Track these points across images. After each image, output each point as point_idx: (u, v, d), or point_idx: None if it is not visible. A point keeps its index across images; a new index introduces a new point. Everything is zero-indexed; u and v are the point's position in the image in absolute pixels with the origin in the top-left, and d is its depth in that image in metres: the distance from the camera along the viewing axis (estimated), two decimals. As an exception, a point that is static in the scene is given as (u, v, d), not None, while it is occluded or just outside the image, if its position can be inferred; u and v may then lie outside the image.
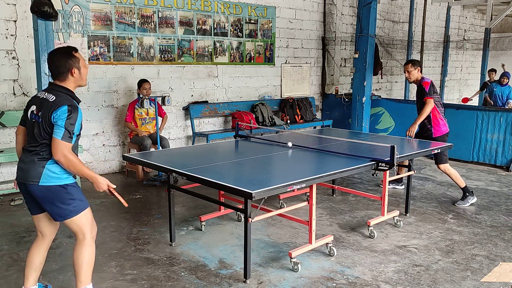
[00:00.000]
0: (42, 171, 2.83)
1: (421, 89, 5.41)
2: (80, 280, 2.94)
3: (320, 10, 9.49)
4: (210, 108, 7.62)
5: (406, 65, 5.58)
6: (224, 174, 3.73)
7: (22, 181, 2.89)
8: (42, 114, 2.83)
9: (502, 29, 14.26)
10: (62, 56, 2.92)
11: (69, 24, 6.02)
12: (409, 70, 5.48)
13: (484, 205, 5.41)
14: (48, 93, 2.90)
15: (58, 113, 2.77)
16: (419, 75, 5.53)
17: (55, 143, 2.77)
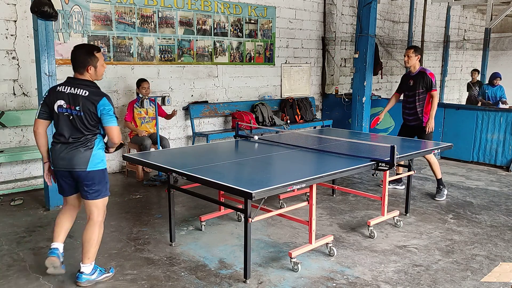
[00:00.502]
0: (89, 158, 3.27)
1: (424, 79, 5.50)
2: (88, 256, 3.33)
3: (320, 10, 9.49)
4: (210, 108, 7.62)
5: (408, 49, 5.64)
6: (224, 174, 3.73)
7: (67, 169, 3.29)
8: (81, 108, 3.19)
9: (502, 29, 14.25)
10: (82, 53, 3.28)
11: (69, 24, 6.02)
12: (410, 55, 5.57)
13: (484, 205, 5.41)
14: (74, 88, 3.24)
15: (102, 106, 3.21)
16: (417, 64, 5.63)
17: (112, 130, 3.28)
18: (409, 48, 5.69)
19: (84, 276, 3.34)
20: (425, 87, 5.52)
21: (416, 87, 5.56)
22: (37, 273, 3.56)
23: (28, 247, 4.06)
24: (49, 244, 4.10)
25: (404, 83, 5.78)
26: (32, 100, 5.83)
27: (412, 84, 5.62)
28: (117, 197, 5.38)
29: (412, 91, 5.61)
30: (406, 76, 5.81)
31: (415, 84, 5.58)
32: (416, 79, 5.58)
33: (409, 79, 5.69)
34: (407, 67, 5.70)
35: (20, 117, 5.68)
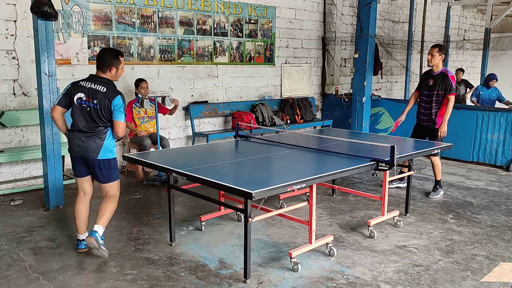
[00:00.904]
0: (101, 148, 3.75)
1: (444, 81, 5.44)
2: (103, 220, 3.79)
3: (320, 10, 9.49)
4: (210, 108, 7.62)
5: (433, 48, 5.57)
6: (224, 174, 3.73)
7: (81, 155, 3.79)
8: (98, 102, 3.67)
9: (502, 29, 14.25)
10: (110, 54, 3.83)
11: (69, 24, 6.02)
12: (434, 54, 5.50)
13: (484, 205, 5.41)
14: (94, 84, 3.74)
15: (116, 102, 3.69)
16: (441, 64, 5.55)
17: (119, 124, 3.73)
18: (433, 46, 5.58)
19: (96, 234, 3.72)
20: (444, 89, 5.44)
21: (435, 87, 5.49)
22: (37, 273, 3.56)
23: (28, 247, 4.06)
24: (49, 244, 4.12)
25: (424, 81, 5.70)
26: (32, 100, 5.83)
27: (431, 84, 5.54)
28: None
29: (430, 91, 5.54)
30: (426, 74, 5.72)
31: (435, 85, 5.50)
32: (437, 79, 5.50)
33: (429, 78, 5.61)
34: (430, 66, 5.60)
35: (20, 117, 5.68)
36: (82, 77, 6.19)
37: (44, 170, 5.13)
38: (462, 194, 5.83)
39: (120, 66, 3.83)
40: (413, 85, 11.79)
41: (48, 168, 5.02)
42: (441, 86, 5.46)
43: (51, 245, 4.11)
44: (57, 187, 5.10)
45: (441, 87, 5.46)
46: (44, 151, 5.03)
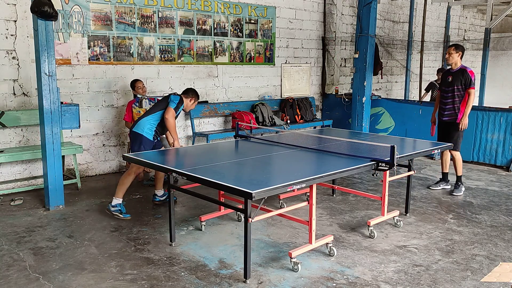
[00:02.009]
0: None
1: (464, 77, 5.59)
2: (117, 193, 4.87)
3: (320, 10, 9.49)
4: (210, 108, 7.62)
5: (450, 47, 5.75)
6: (224, 174, 3.73)
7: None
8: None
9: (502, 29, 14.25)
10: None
11: (69, 24, 6.02)
12: (451, 53, 5.66)
13: (484, 205, 5.41)
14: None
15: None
16: (459, 61, 5.70)
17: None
18: (450, 46, 5.79)
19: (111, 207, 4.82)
20: (463, 83, 5.60)
21: (455, 83, 5.64)
22: (37, 273, 3.56)
23: (28, 247, 4.06)
24: (49, 244, 4.12)
25: (444, 79, 5.84)
26: (32, 100, 5.83)
27: (450, 80, 5.69)
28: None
29: (450, 86, 5.69)
30: (446, 73, 5.88)
31: (454, 80, 5.65)
32: (456, 75, 5.65)
33: (449, 75, 5.76)
34: (449, 64, 5.76)
35: (20, 117, 5.68)
36: (82, 77, 6.25)
37: (44, 170, 5.13)
38: (462, 194, 5.83)
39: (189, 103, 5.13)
40: (413, 85, 11.81)
41: (48, 168, 5.02)
42: (460, 81, 5.61)
43: (51, 245, 4.11)
44: (57, 187, 5.10)
45: (460, 82, 5.61)
46: (44, 151, 5.03)
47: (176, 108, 4.88)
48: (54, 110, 4.96)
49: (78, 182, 5.87)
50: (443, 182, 6.06)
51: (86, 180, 6.25)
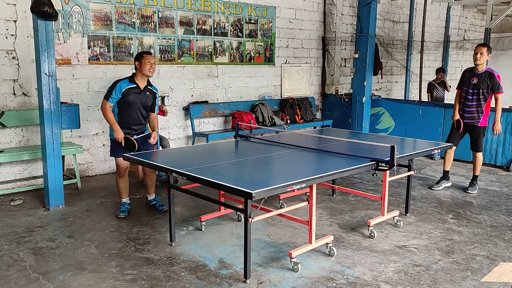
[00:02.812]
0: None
1: (491, 80, 5.51)
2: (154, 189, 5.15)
3: (320, 10, 9.49)
4: (210, 108, 7.62)
5: (482, 46, 5.55)
6: (224, 174, 3.73)
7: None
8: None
9: (502, 29, 14.24)
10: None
11: (69, 24, 6.02)
12: (483, 53, 5.50)
13: (484, 205, 5.41)
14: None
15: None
16: (485, 63, 5.62)
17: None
18: (482, 45, 5.60)
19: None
20: (491, 88, 5.53)
21: (481, 86, 5.55)
22: (37, 273, 3.57)
23: (28, 247, 4.06)
24: (49, 244, 4.12)
25: (467, 80, 5.71)
26: (32, 100, 5.83)
27: (476, 83, 5.59)
28: (117, 197, 5.38)
29: (475, 89, 5.60)
30: (469, 73, 5.73)
31: (480, 83, 5.56)
32: (482, 78, 5.56)
33: (473, 76, 5.65)
34: (477, 64, 5.58)
35: (20, 117, 5.68)
36: (82, 77, 6.25)
37: (44, 170, 5.13)
38: (462, 194, 5.83)
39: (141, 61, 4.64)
40: (414, 85, 11.81)
41: (48, 168, 5.03)
42: (487, 85, 5.54)
43: (51, 245, 4.11)
44: (57, 187, 5.10)
45: (487, 86, 5.54)
46: (44, 151, 5.03)
47: (107, 95, 4.67)
48: (54, 110, 4.96)
49: (78, 182, 5.87)
50: (444, 180, 6.07)
51: (86, 180, 6.25)
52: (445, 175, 6.10)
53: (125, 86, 4.66)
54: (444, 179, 6.09)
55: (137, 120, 4.82)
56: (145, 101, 4.79)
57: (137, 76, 4.72)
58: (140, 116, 4.83)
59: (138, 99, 4.72)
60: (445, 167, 6.08)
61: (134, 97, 4.69)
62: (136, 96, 4.70)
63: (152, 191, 5.14)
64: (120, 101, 4.66)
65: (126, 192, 5.00)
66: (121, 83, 4.68)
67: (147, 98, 4.79)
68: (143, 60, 4.61)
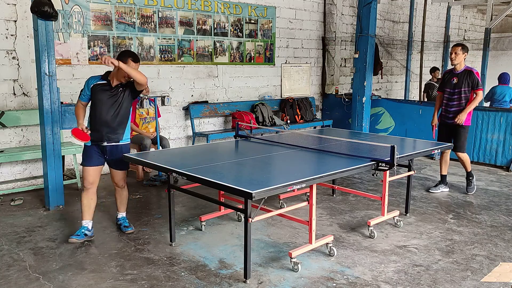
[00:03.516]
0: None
1: (471, 79, 5.52)
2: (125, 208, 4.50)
3: (320, 10, 9.49)
4: (210, 108, 7.62)
5: (456, 46, 5.61)
6: (224, 174, 3.73)
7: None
8: None
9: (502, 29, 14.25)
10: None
11: (69, 24, 6.02)
12: (458, 52, 5.54)
13: (484, 205, 5.41)
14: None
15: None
16: (463, 62, 5.61)
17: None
18: (456, 45, 5.64)
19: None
20: (471, 86, 5.54)
21: (462, 85, 5.56)
22: (37, 273, 3.56)
23: (28, 247, 4.06)
24: (49, 244, 4.12)
25: (447, 81, 5.73)
26: (32, 100, 5.83)
27: (456, 82, 5.60)
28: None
29: (456, 88, 5.61)
30: (449, 74, 5.76)
31: (460, 82, 5.57)
32: (462, 77, 5.57)
33: (452, 77, 5.66)
34: (454, 64, 5.62)
35: (20, 117, 5.68)
36: (82, 77, 6.25)
37: (44, 170, 5.13)
38: (462, 194, 5.83)
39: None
40: (414, 85, 11.81)
41: (48, 168, 5.03)
42: (467, 83, 5.54)
43: (51, 245, 4.11)
44: (57, 187, 5.10)
45: (467, 84, 5.54)
46: (44, 151, 5.03)
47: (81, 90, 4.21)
48: (54, 110, 4.96)
49: (78, 182, 5.87)
50: (442, 185, 5.96)
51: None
52: (443, 180, 5.98)
53: (94, 82, 4.11)
54: (442, 183, 5.96)
55: (107, 123, 4.10)
56: (117, 101, 4.10)
57: (112, 74, 4.12)
58: (111, 118, 4.10)
59: (107, 96, 4.07)
60: (442, 171, 5.97)
61: (102, 94, 4.07)
62: (105, 93, 4.07)
63: (121, 209, 4.49)
64: (90, 98, 4.16)
65: (88, 212, 4.20)
66: (91, 78, 4.18)
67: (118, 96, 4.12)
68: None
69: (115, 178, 4.35)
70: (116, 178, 4.35)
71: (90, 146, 4.16)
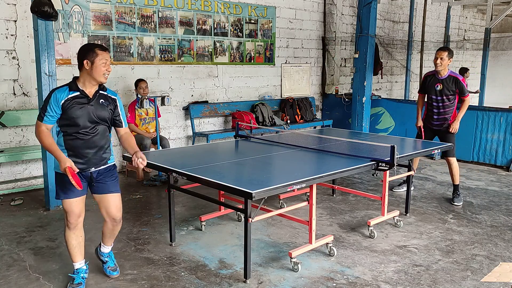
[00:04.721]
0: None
1: (457, 85, 5.33)
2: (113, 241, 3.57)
3: (320, 10, 9.49)
4: (210, 108, 7.62)
5: (442, 51, 5.32)
6: (224, 174, 3.73)
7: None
8: None
9: (502, 29, 14.26)
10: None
11: (69, 24, 6.02)
12: (443, 58, 5.27)
13: (484, 205, 5.41)
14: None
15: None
16: (447, 67, 5.39)
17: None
18: (442, 49, 5.34)
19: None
20: (458, 93, 5.36)
21: (447, 92, 5.36)
22: (37, 273, 3.57)
23: (28, 247, 4.06)
24: (49, 244, 4.12)
25: (431, 86, 5.50)
26: (32, 100, 5.83)
27: (441, 89, 5.38)
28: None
29: (440, 96, 5.40)
30: (432, 78, 5.50)
31: (445, 89, 5.36)
32: (447, 83, 5.36)
33: (436, 82, 5.42)
34: (439, 69, 5.37)
35: (20, 117, 5.68)
36: (82, 77, 6.24)
37: (44, 170, 5.13)
38: (462, 194, 5.82)
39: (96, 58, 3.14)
40: (414, 85, 11.81)
41: (48, 168, 5.02)
42: (453, 90, 5.35)
43: (51, 245, 4.11)
44: (57, 187, 5.09)
45: (453, 91, 5.36)
46: (44, 151, 5.03)
47: (41, 113, 3.13)
48: (54, 110, 4.95)
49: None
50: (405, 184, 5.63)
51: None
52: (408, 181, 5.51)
53: (64, 97, 3.11)
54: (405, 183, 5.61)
55: (93, 144, 3.19)
56: (100, 114, 3.19)
57: (82, 80, 3.19)
58: (97, 137, 3.21)
59: (87, 112, 3.14)
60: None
61: (80, 111, 3.12)
62: (84, 108, 3.13)
63: (109, 241, 3.53)
64: (62, 118, 3.13)
65: (80, 251, 3.37)
66: (57, 92, 3.15)
67: (102, 109, 3.20)
68: (96, 59, 3.12)
69: (111, 207, 3.32)
70: (113, 207, 3.32)
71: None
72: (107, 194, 3.30)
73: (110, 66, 3.24)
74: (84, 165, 3.18)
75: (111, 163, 3.36)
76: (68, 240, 3.31)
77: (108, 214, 3.34)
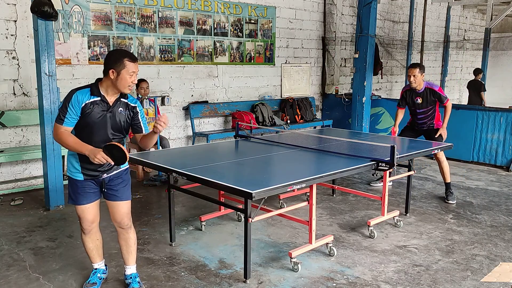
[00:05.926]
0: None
1: (435, 95, 5.45)
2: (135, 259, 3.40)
3: (320, 10, 9.49)
4: (210, 108, 7.62)
5: (413, 68, 5.40)
6: (224, 174, 3.73)
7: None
8: None
9: (502, 29, 14.26)
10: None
11: (69, 24, 6.02)
12: (416, 75, 5.37)
13: (484, 205, 5.41)
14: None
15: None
16: (422, 81, 5.49)
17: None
18: (413, 67, 5.42)
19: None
20: (438, 102, 5.51)
21: (427, 104, 5.51)
22: (37, 273, 3.57)
23: (28, 247, 4.06)
24: (49, 244, 4.12)
25: (410, 100, 5.62)
26: (32, 100, 5.83)
27: (421, 102, 5.52)
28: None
29: (421, 108, 5.56)
30: (411, 93, 5.59)
31: (425, 102, 5.50)
32: (425, 96, 5.48)
33: (416, 96, 5.53)
34: (414, 87, 5.47)
35: (20, 117, 5.68)
36: (82, 77, 6.25)
37: (44, 170, 5.13)
38: (462, 194, 5.83)
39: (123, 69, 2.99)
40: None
41: (48, 168, 5.03)
42: (431, 101, 5.50)
43: (51, 245, 4.11)
44: (57, 187, 5.10)
45: (432, 102, 5.51)
46: (44, 151, 5.03)
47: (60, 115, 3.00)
48: (54, 110, 4.95)
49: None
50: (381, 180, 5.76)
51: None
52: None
53: (85, 100, 3.02)
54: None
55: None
56: (119, 122, 3.11)
57: (105, 86, 3.09)
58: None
59: (105, 119, 3.05)
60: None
61: (98, 119, 3.02)
62: (103, 115, 3.04)
63: (130, 261, 3.38)
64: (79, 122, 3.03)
65: (98, 253, 3.38)
66: (79, 93, 3.06)
67: (119, 119, 3.11)
68: (123, 71, 2.97)
69: (118, 213, 3.27)
70: (119, 214, 3.27)
71: (83, 180, 3.12)
72: (113, 202, 3.24)
73: (136, 78, 3.08)
74: (95, 172, 3.11)
75: (123, 167, 3.26)
76: (85, 243, 3.33)
77: (115, 220, 3.30)
